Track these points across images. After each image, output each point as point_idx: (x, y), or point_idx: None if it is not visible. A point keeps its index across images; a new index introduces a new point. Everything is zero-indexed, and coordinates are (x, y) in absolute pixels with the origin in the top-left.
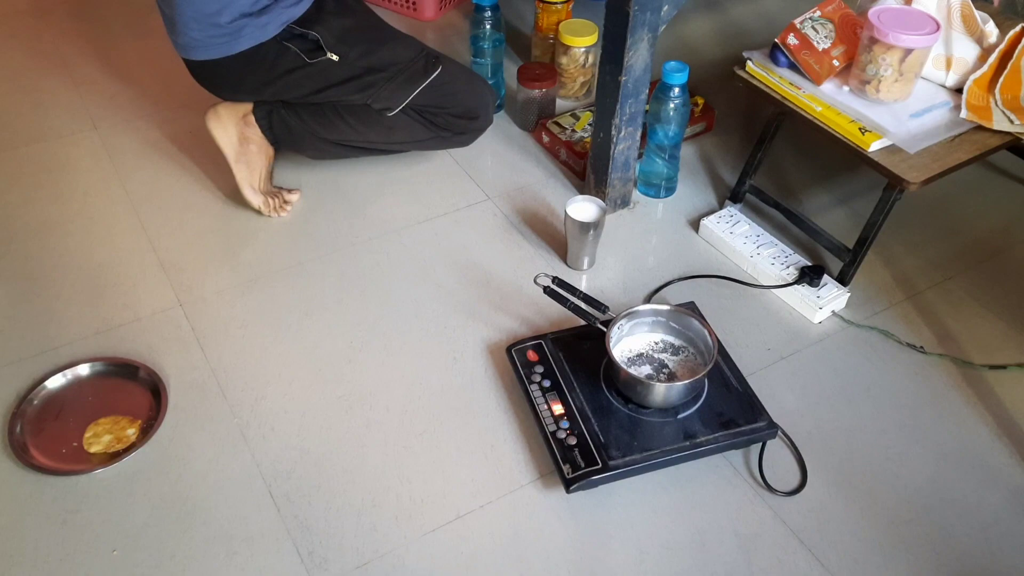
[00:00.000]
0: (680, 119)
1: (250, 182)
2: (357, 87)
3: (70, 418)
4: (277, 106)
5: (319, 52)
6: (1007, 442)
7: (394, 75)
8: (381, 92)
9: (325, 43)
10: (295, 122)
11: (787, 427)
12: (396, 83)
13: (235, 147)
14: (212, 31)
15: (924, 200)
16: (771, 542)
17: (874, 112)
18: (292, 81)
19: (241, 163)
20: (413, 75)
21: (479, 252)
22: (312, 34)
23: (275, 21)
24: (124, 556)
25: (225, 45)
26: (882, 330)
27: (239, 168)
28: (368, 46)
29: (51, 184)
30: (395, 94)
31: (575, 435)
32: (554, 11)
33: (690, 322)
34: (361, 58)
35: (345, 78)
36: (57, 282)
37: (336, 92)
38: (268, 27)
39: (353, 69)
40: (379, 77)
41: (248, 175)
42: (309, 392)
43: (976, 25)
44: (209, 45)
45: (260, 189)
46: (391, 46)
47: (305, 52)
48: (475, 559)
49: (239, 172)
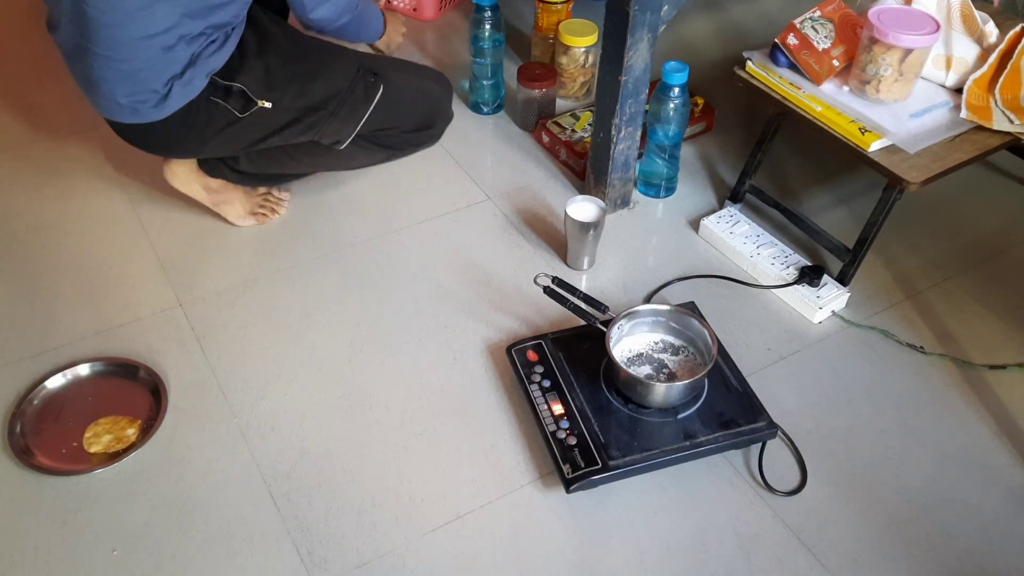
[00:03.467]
0: (680, 119)
1: (236, 214)
2: (300, 130)
3: (70, 418)
4: (220, 161)
5: (250, 103)
6: (1007, 442)
7: (335, 109)
8: (326, 129)
9: (253, 92)
10: (248, 166)
11: (787, 427)
12: (340, 117)
13: (206, 196)
14: (140, 95)
15: (924, 200)
16: (771, 542)
17: (874, 112)
18: (229, 136)
19: (221, 205)
20: (354, 104)
21: (479, 252)
22: (236, 86)
23: (199, 75)
24: (124, 556)
25: (155, 109)
26: (882, 330)
27: (222, 209)
28: (300, 85)
29: (51, 184)
30: (341, 127)
31: (575, 435)
32: (554, 11)
33: (690, 322)
34: (296, 99)
35: (284, 123)
36: (57, 282)
37: (278, 139)
38: (194, 82)
39: (290, 112)
40: (320, 115)
41: (231, 210)
42: (309, 392)
43: (976, 25)
44: (136, 109)
45: (247, 212)
46: (325, 77)
47: (235, 106)
48: (475, 559)
49: (223, 212)
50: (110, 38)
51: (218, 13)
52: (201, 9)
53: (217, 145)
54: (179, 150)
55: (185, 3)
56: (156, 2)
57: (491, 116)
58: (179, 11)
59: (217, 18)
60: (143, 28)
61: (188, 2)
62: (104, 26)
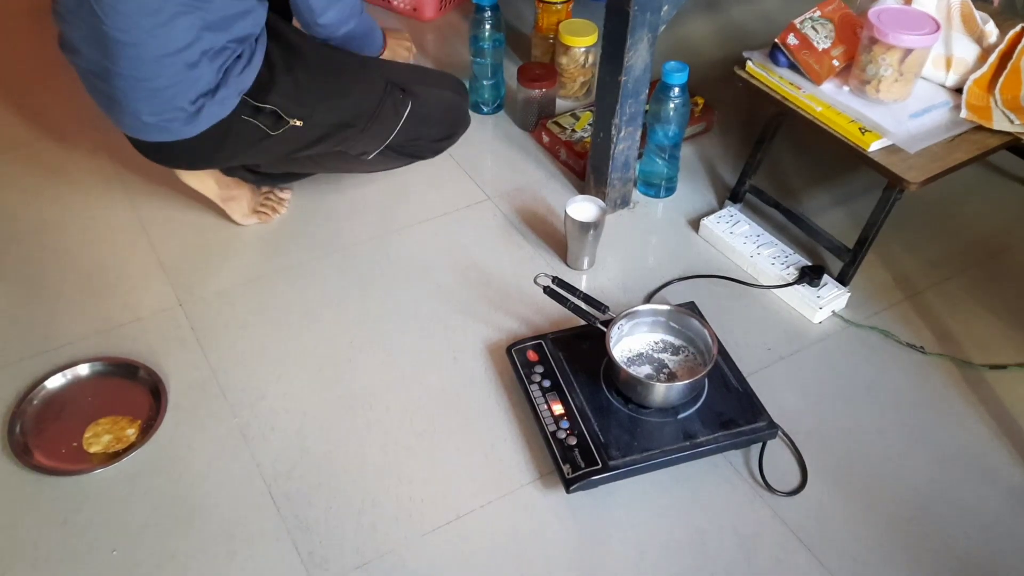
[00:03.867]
0: (680, 119)
1: (241, 212)
2: (330, 145)
3: (70, 418)
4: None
5: (281, 121)
6: (1007, 442)
7: (365, 125)
8: (356, 143)
9: (285, 112)
10: (269, 168)
11: (787, 427)
12: (369, 133)
13: (217, 192)
14: (169, 114)
15: (924, 200)
16: (771, 542)
17: (874, 112)
18: (259, 151)
19: (229, 202)
20: (384, 120)
21: (479, 252)
22: (268, 107)
23: (231, 94)
24: (124, 556)
25: (185, 127)
26: (882, 330)
27: (229, 206)
28: (331, 101)
29: (51, 184)
30: (371, 141)
31: (575, 435)
32: (554, 11)
33: (690, 322)
34: (327, 116)
35: (315, 139)
36: (57, 282)
37: (308, 152)
38: (226, 101)
39: (321, 129)
40: (351, 132)
41: (238, 207)
42: (309, 392)
43: (976, 25)
44: (164, 128)
45: (251, 211)
46: (355, 93)
47: (265, 123)
48: (475, 559)
49: (229, 209)
50: (132, 57)
51: (238, 24)
52: (220, 20)
53: (246, 158)
54: (204, 163)
55: (203, 16)
56: (175, 17)
57: (491, 116)
58: (198, 24)
59: (238, 30)
60: (164, 45)
61: (206, 14)
62: (125, 45)
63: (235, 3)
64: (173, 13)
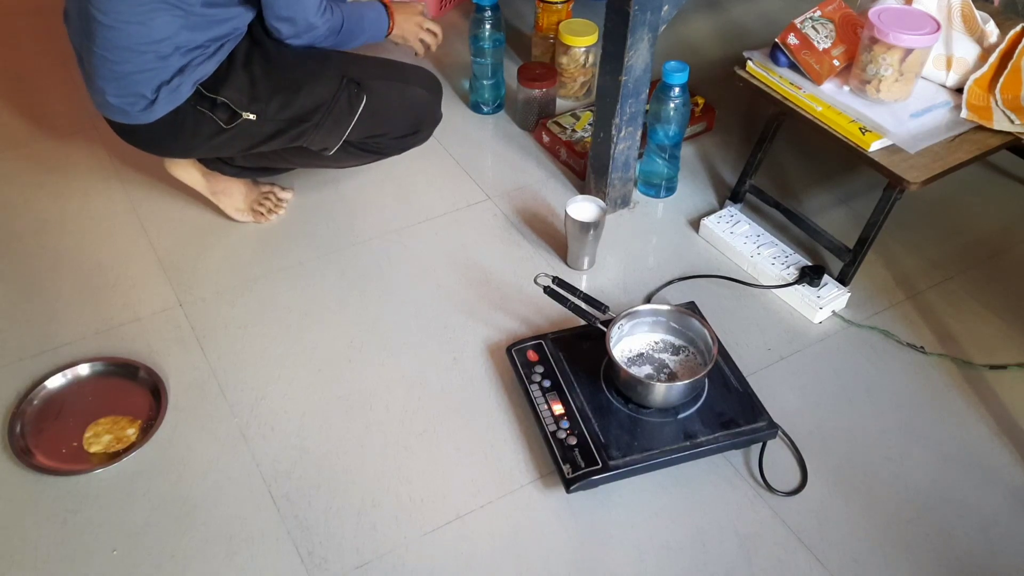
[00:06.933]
0: (680, 119)
1: (234, 206)
2: (286, 140)
3: (70, 418)
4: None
5: (235, 115)
6: (1007, 442)
7: (320, 120)
8: (312, 139)
9: (237, 104)
10: (243, 162)
11: (787, 427)
12: (324, 128)
13: (205, 184)
14: (130, 98)
15: (924, 200)
16: (771, 542)
17: (874, 112)
18: (217, 144)
19: (219, 195)
20: (338, 115)
21: (479, 252)
22: (220, 99)
23: (187, 82)
24: (124, 556)
25: (142, 113)
26: (882, 330)
27: (218, 199)
28: (284, 96)
29: (51, 184)
30: (327, 137)
31: (575, 435)
32: (554, 11)
33: (690, 322)
34: (280, 111)
35: (270, 134)
36: (57, 282)
37: (266, 146)
38: (180, 89)
39: (275, 124)
40: (305, 127)
41: (229, 201)
42: (309, 392)
43: (976, 25)
44: (125, 111)
45: (246, 207)
46: (308, 88)
47: (220, 118)
48: (475, 559)
49: (219, 202)
50: (108, 39)
51: (219, 27)
52: (202, 23)
53: (207, 150)
54: (170, 152)
55: (185, 17)
56: (156, 12)
57: (491, 116)
58: (179, 23)
59: (218, 31)
60: (140, 35)
61: (188, 16)
62: (103, 26)
63: (221, 11)
64: (155, 8)
